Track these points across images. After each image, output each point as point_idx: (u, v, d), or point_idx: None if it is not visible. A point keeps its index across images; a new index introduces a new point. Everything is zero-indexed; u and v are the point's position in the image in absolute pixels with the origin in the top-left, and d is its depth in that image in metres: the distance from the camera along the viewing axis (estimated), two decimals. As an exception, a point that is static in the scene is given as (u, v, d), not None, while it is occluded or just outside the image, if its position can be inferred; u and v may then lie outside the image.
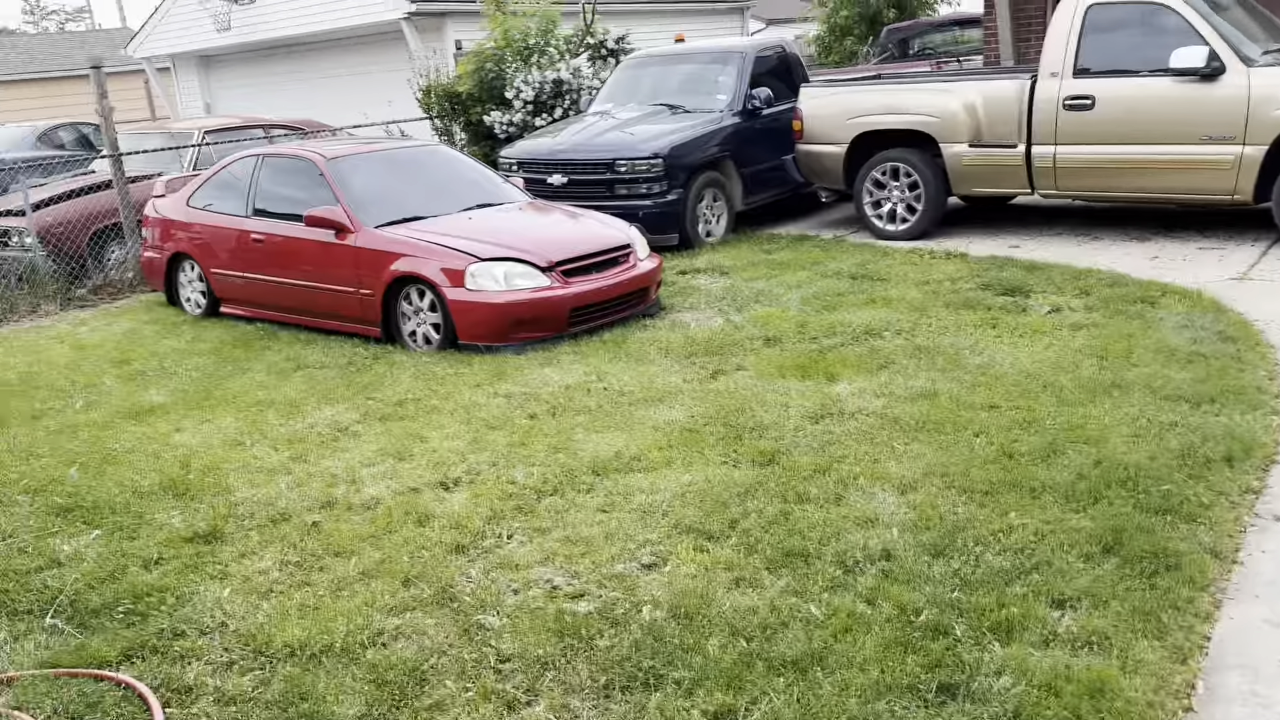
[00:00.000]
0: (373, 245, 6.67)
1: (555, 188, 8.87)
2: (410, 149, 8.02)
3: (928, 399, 4.89)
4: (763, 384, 5.29)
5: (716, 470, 4.21)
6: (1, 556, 3.82)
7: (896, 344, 5.82)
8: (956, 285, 7.02)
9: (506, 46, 11.43)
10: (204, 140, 10.15)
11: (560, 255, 6.54)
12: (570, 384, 5.50)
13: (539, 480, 4.25)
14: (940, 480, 4.02)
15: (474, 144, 11.70)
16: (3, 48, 25.68)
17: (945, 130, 8.42)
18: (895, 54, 15.49)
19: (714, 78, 9.69)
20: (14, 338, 7.64)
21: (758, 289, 7.30)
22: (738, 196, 9.36)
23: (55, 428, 5.37)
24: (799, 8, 29.86)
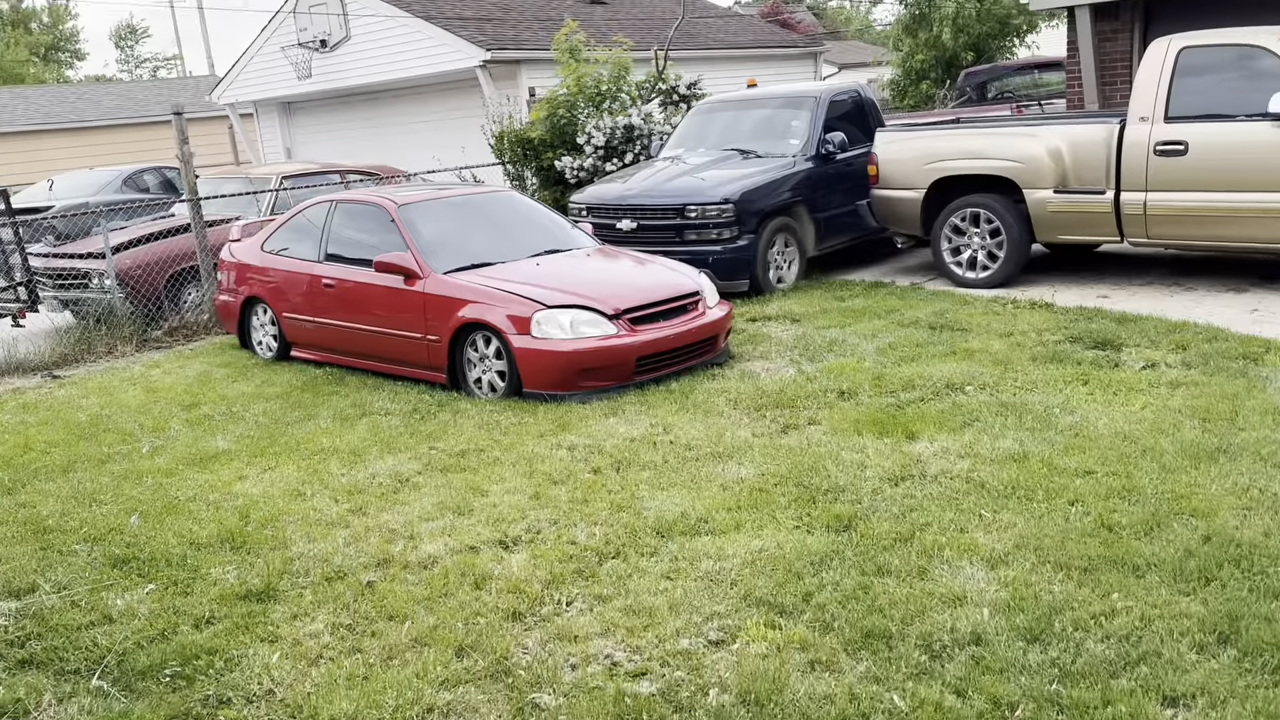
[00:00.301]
0: (440, 291, 6.61)
1: (624, 233, 8.78)
2: (480, 195, 8.00)
3: (1017, 462, 4.59)
4: (837, 441, 5.04)
5: (789, 536, 3.97)
6: (55, 610, 3.76)
7: (980, 400, 5.52)
8: (1043, 337, 6.69)
9: (579, 93, 11.46)
10: (281, 185, 10.32)
11: (628, 303, 6.40)
12: (635, 436, 5.32)
13: (601, 541, 4.06)
14: (1034, 554, 3.72)
15: (545, 188, 11.72)
16: (96, 94, 26.80)
17: (1029, 176, 8.12)
18: (973, 97, 15.18)
19: (787, 122, 9.54)
20: (89, 379, 7.75)
21: (831, 338, 7.06)
22: (810, 242, 9.15)
23: (120, 473, 5.36)
24: (873, 52, 29.71)
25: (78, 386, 7.50)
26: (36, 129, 23.34)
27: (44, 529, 4.59)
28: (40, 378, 7.87)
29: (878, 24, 26.18)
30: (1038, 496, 4.22)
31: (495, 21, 15.53)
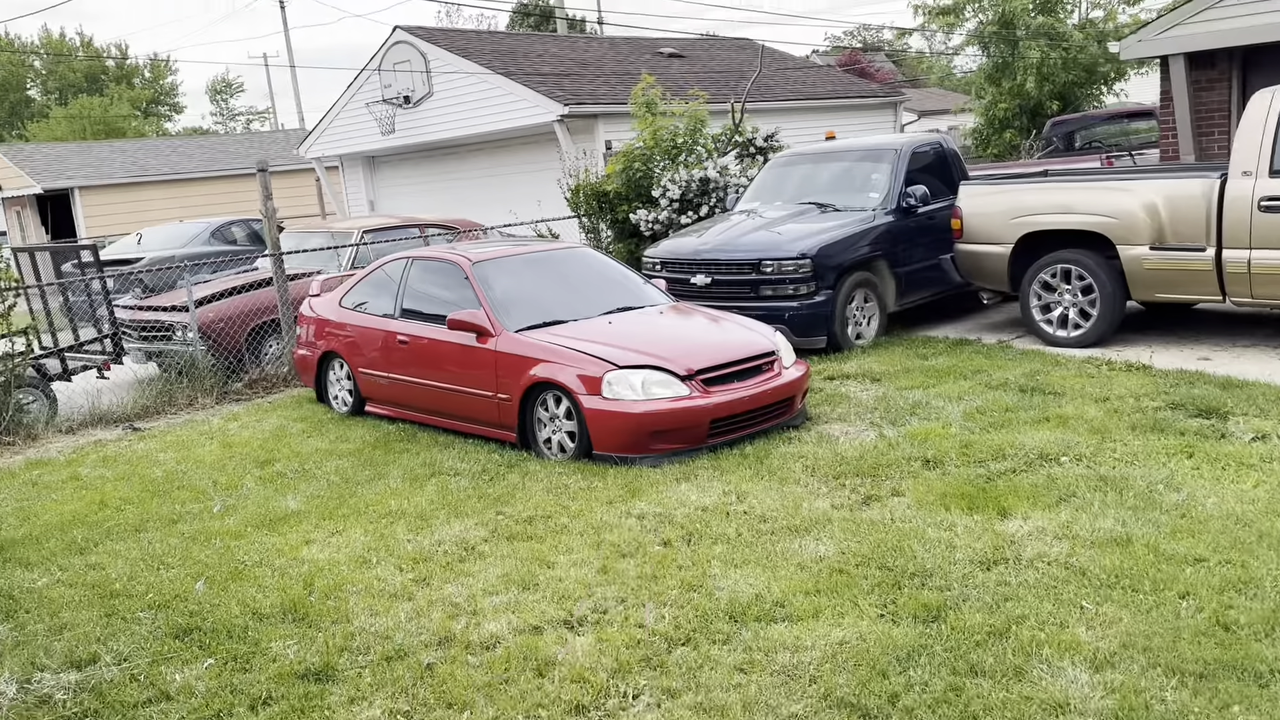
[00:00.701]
0: (512, 350, 6.54)
1: (699, 288, 8.64)
2: (554, 251, 7.96)
3: (1119, 546, 4.26)
4: (923, 516, 4.76)
5: (872, 626, 3.71)
6: (114, 684, 3.69)
7: (1077, 473, 5.18)
8: (1141, 404, 6.31)
9: (655, 146, 11.44)
10: (362, 239, 10.46)
11: (701, 363, 6.23)
12: (708, 505, 5.12)
13: (670, 625, 3.85)
14: (1143, 655, 3.40)
15: (620, 241, 11.69)
16: (190, 147, 27.90)
17: (1123, 232, 7.76)
18: (1060, 147, 14.77)
19: (867, 175, 9.34)
20: (168, 432, 7.86)
21: (914, 400, 6.77)
22: (891, 297, 8.89)
23: (190, 533, 5.34)
24: (953, 99, 29.33)
25: (157, 440, 7.60)
26: (134, 181, 24.34)
27: (111, 593, 4.57)
28: (122, 430, 8.01)
29: (958, 71, 25.80)
30: (1144, 587, 3.89)
31: (573, 77, 15.70)
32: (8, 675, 3.80)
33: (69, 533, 5.47)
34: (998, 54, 17.26)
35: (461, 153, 17.14)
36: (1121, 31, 16.82)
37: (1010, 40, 16.95)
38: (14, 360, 7.77)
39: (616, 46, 18.68)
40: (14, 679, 3.77)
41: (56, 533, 5.49)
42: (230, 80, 59.99)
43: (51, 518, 5.77)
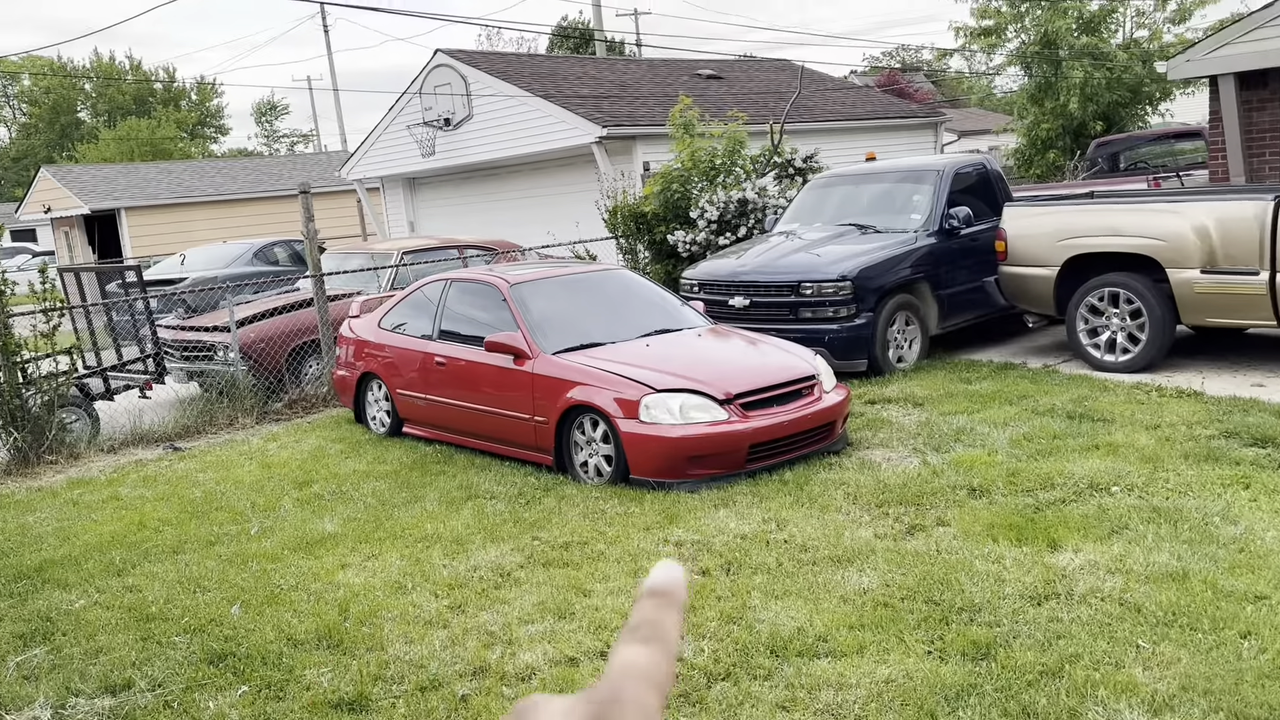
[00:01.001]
0: (549, 372, 6.50)
1: (737, 310, 8.56)
2: (591, 272, 7.93)
3: (1175, 581, 4.11)
4: (969, 547, 4.63)
5: (920, 664, 3.60)
6: (148, 711, 3.67)
7: (1128, 504, 5.02)
8: (1194, 431, 6.12)
9: (693, 168, 11.41)
10: (402, 261, 10.51)
11: (740, 387, 6.14)
12: (747, 533, 5.02)
13: (709, 659, 3.76)
14: (1203, 699, 3.26)
15: (657, 262, 11.64)
16: (235, 169, 28.36)
17: (1173, 255, 7.57)
18: (1104, 168, 14.54)
19: (908, 196, 9.23)
20: (208, 451, 7.90)
21: (958, 425, 6.63)
22: (933, 320, 8.75)
23: (227, 556, 5.34)
24: (993, 119, 29.07)
25: (197, 460, 7.65)
26: (179, 202, 24.77)
27: (147, 616, 4.57)
28: (162, 449, 8.07)
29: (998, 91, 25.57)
30: (1203, 626, 3.74)
31: (611, 99, 15.74)
32: (43, 700, 3.79)
33: (107, 554, 5.49)
34: (1040, 74, 17.06)
35: (500, 174, 17.24)
36: (1167, 51, 16.57)
37: (1053, 60, 16.75)
38: (58, 379, 7.86)
39: (655, 68, 18.73)
40: (49, 704, 3.77)
41: (95, 553, 5.51)
42: (275, 102, 61.09)
43: (91, 538, 5.80)
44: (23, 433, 7.65)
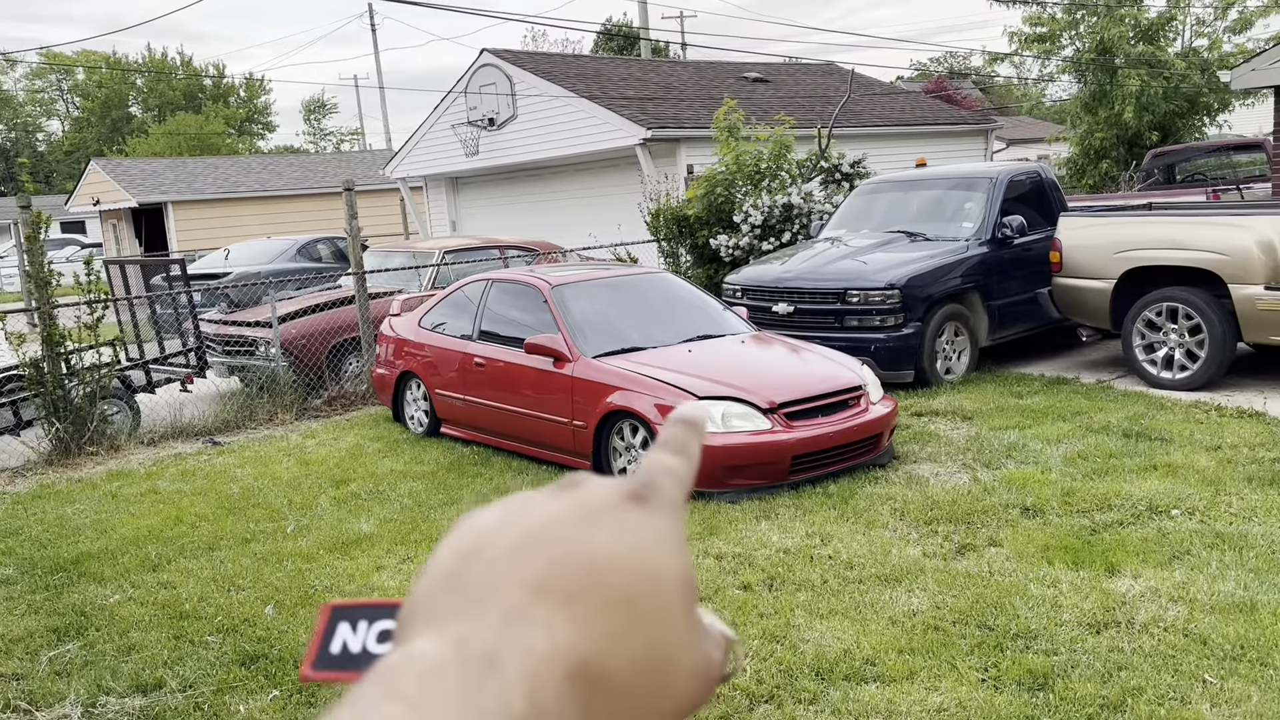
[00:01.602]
0: (589, 376, 6.40)
1: (781, 316, 8.41)
2: (634, 276, 7.82)
3: (1242, 612, 3.91)
4: (1023, 569, 4.46)
5: (973, 693, 3.44)
6: (178, 713, 3.61)
7: (1190, 528, 4.81)
8: (1257, 454, 5.88)
9: (738, 171, 11.27)
10: (443, 260, 10.48)
11: (784, 396, 6.00)
12: (790, 548, 4.88)
13: (752, 679, 3.63)
14: (1278, 740, 3.07)
15: (699, 266, 11.52)
16: (280, 165, 28.64)
17: (1236, 270, 7.31)
18: (1160, 180, 14.18)
19: (960, 204, 9.02)
20: (247, 447, 7.90)
21: (1009, 441, 6.43)
22: (983, 331, 8.54)
23: (263, 554, 5.29)
24: (1043, 128, 28.57)
25: (235, 455, 7.64)
26: (225, 197, 25.05)
27: (181, 614, 4.52)
28: (202, 443, 8.08)
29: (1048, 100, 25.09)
30: (1274, 661, 3.55)
31: (656, 101, 15.64)
32: (74, 697, 3.75)
33: (144, 548, 5.47)
34: (1094, 82, 16.68)
35: (543, 175, 17.21)
36: (1228, 61, 16.13)
37: (1109, 68, 16.37)
38: (100, 371, 7.90)
39: (700, 71, 18.60)
40: (79, 701, 3.72)
41: (131, 547, 5.49)
42: (324, 100, 61.81)
43: (128, 531, 5.79)
44: (64, 423, 7.69)
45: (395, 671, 0.35)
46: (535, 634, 0.37)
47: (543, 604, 0.38)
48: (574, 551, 0.39)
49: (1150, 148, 15.63)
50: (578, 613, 0.38)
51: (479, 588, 0.38)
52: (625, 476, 0.44)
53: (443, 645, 0.36)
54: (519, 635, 0.37)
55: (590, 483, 0.43)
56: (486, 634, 0.36)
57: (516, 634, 0.37)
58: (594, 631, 0.38)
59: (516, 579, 0.38)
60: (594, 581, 0.39)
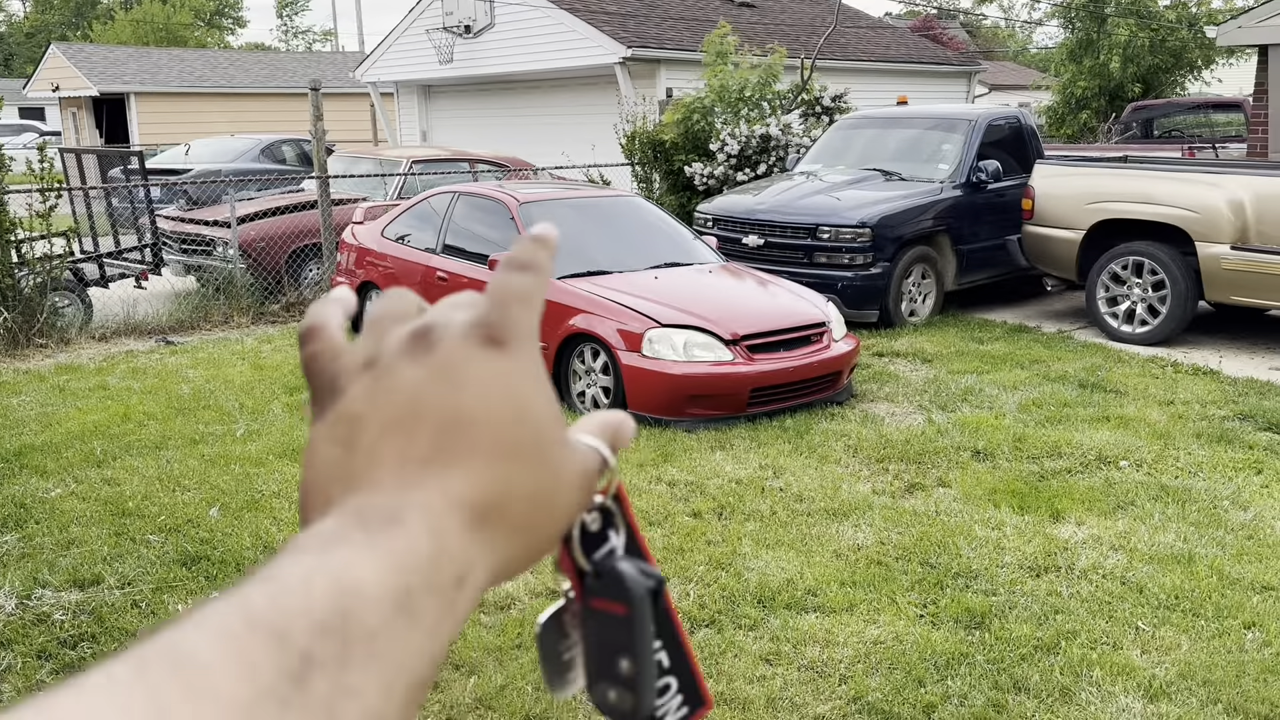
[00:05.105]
0: (552, 297, 6.29)
1: (750, 249, 8.33)
2: (604, 198, 7.69)
3: (1180, 564, 3.99)
4: (970, 510, 4.51)
5: (910, 627, 3.48)
6: (114, 609, 3.57)
7: (1136, 480, 4.89)
8: (1208, 411, 5.97)
9: (718, 100, 11.05)
10: (410, 170, 10.23)
11: (747, 328, 5.96)
12: (742, 478, 4.89)
13: (695, 604, 3.65)
14: (1202, 688, 3.15)
15: (672, 194, 11.36)
16: (248, 61, 27.72)
17: (1204, 227, 7.33)
18: (1138, 134, 14.14)
19: (937, 145, 8.93)
20: (200, 348, 7.75)
21: (966, 385, 6.47)
22: (950, 275, 8.53)
23: (211, 456, 5.22)
24: (1027, 75, 28.36)
25: (188, 355, 7.50)
26: (189, 91, 24.25)
27: (124, 511, 4.46)
28: (154, 341, 7.92)
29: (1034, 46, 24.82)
30: (1206, 612, 3.62)
31: (638, 18, 15.25)
32: (8, 589, 3.69)
33: (89, 443, 5.37)
34: (1082, 30, 16.49)
35: (519, 89, 16.80)
36: (1215, 16, 16.01)
37: (1098, 16, 16.18)
38: (52, 262, 7.67)
39: (686, -10, 18.12)
40: (14, 593, 3.67)
41: (77, 442, 5.39)
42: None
43: (74, 426, 5.68)
44: (13, 313, 7.48)
45: (302, 541, 0.36)
46: (431, 494, 0.38)
47: (431, 471, 0.39)
48: (448, 419, 0.40)
49: (1132, 100, 15.56)
50: (466, 471, 0.39)
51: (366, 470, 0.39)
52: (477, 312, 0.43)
53: (343, 517, 0.37)
54: (415, 496, 0.38)
55: (444, 338, 0.42)
56: (384, 500, 0.38)
57: (413, 496, 0.38)
58: (485, 484, 0.40)
59: (399, 458, 0.39)
60: (474, 442, 0.40)
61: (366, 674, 0.32)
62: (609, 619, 0.45)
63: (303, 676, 0.31)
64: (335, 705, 0.31)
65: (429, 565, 0.36)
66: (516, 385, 0.42)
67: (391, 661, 0.33)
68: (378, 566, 0.34)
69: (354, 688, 0.32)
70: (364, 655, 0.32)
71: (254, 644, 0.30)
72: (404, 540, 0.36)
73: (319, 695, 0.31)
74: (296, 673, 0.30)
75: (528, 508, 0.41)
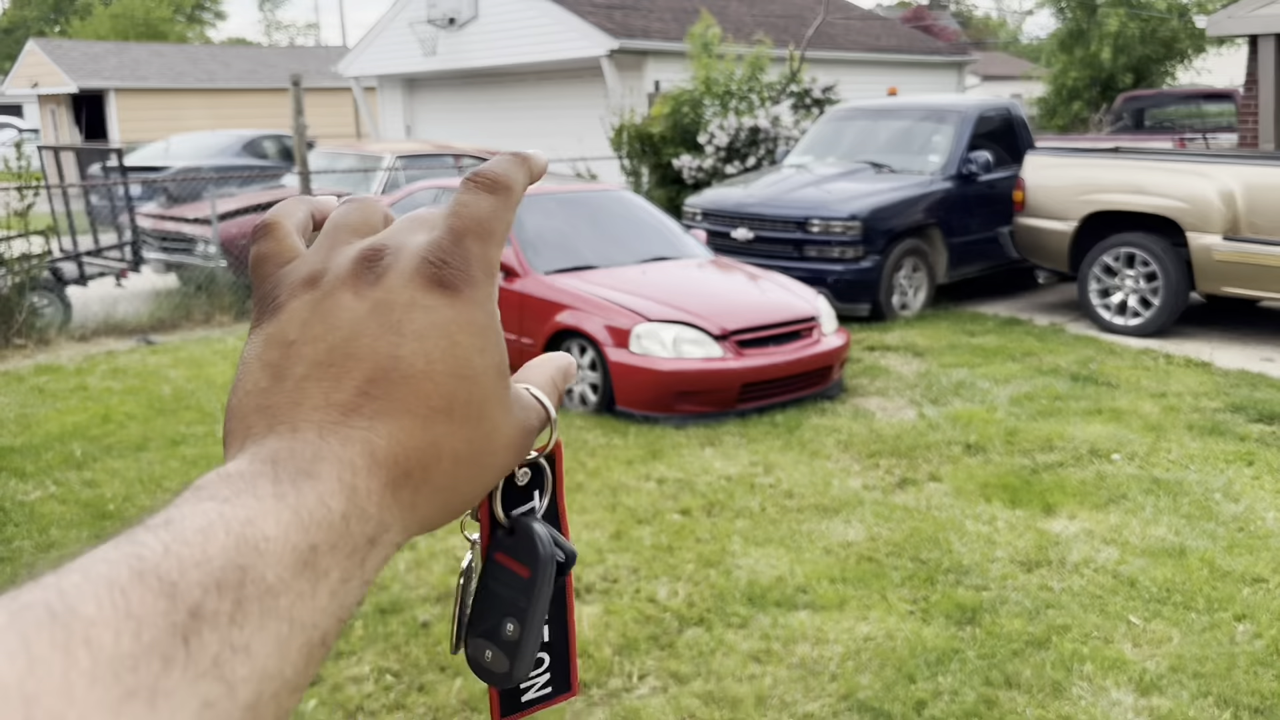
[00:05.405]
0: (539, 293, 6.24)
1: (739, 242, 8.28)
2: (592, 192, 7.62)
3: (1172, 557, 3.95)
4: (961, 505, 4.46)
5: (901, 623, 3.44)
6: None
7: (1129, 473, 4.85)
8: (1200, 403, 5.94)
9: (706, 90, 10.99)
10: (395, 164, 10.14)
11: (737, 323, 5.91)
12: (732, 475, 4.84)
13: (684, 602, 3.60)
14: (1193, 681, 3.11)
15: (660, 187, 11.29)
16: (229, 56, 27.47)
17: (1195, 218, 7.31)
18: (1129, 124, 14.12)
19: (928, 137, 8.88)
20: (182, 347, 7.66)
21: (958, 379, 6.43)
22: (941, 268, 8.49)
23: (192, 457, 5.14)
24: (1018, 65, 28.32)
25: (169, 355, 7.41)
26: (170, 87, 24.03)
27: (104, 514, 4.38)
28: (135, 341, 7.82)
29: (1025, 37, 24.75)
30: (1197, 605, 3.59)
31: (625, 10, 15.15)
32: (-17, 594, 3.61)
33: (68, 445, 5.28)
34: (1073, 20, 16.45)
35: (504, 82, 16.70)
36: (1206, 6, 16.00)
37: (1088, 6, 16.14)
38: (31, 261, 7.57)
39: (673, -17, 18.03)
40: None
41: (56, 444, 5.31)
42: (279, -10, 59.33)
43: (53, 427, 5.59)
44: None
45: (207, 484, 0.34)
46: (352, 449, 0.36)
47: (357, 421, 0.37)
48: (382, 367, 0.38)
49: (1123, 90, 15.54)
50: (394, 428, 0.37)
51: (289, 408, 0.38)
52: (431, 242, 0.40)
53: (256, 463, 0.35)
54: (335, 449, 0.36)
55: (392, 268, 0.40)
56: (302, 449, 0.36)
57: (332, 448, 0.36)
58: (412, 443, 0.37)
59: (324, 401, 0.37)
60: (407, 396, 0.38)
61: (262, 632, 0.31)
62: (509, 577, 0.44)
63: (191, 632, 0.29)
64: (225, 663, 0.30)
65: (339, 524, 0.34)
66: (460, 338, 0.39)
67: (291, 620, 0.32)
68: (282, 521, 0.33)
69: (247, 646, 0.30)
70: (260, 613, 0.31)
71: (140, 596, 0.29)
72: (315, 496, 0.34)
73: (207, 652, 0.29)
74: (184, 628, 0.29)
75: (455, 468, 0.39)
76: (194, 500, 0.33)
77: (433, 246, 0.40)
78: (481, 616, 0.45)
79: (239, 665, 0.30)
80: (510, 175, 0.42)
